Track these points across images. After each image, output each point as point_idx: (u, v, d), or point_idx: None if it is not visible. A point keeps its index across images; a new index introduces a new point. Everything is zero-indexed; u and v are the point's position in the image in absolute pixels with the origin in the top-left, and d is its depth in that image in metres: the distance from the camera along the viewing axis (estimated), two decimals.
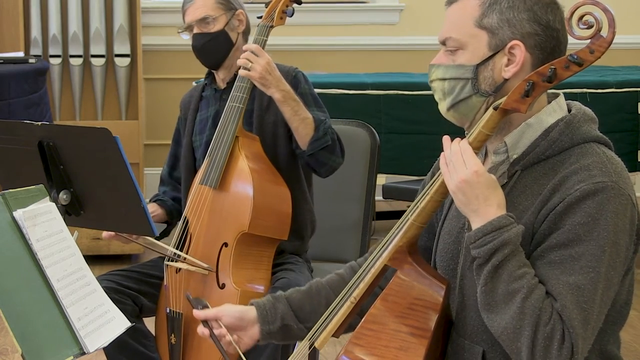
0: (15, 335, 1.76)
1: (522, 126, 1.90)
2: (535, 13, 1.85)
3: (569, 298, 1.75)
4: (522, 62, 1.85)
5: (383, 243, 1.95)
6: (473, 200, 1.81)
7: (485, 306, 1.80)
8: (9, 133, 2.71)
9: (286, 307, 2.12)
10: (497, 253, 1.77)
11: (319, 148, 2.94)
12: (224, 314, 2.10)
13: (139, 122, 5.92)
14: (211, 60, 3.13)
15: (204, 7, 3.09)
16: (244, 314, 2.11)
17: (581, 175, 1.81)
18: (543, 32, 1.86)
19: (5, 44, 5.67)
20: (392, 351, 1.84)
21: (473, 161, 1.81)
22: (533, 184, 1.87)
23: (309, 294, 2.14)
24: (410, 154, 5.18)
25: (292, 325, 2.10)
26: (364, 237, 3.37)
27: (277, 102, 2.92)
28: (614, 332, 1.93)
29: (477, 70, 1.88)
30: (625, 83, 5.30)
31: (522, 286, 1.76)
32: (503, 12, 1.86)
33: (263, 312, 2.11)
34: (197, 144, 3.17)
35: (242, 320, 2.10)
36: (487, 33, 1.87)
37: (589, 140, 1.88)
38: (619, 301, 1.90)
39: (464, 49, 1.89)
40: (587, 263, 1.77)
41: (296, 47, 6.49)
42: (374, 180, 3.37)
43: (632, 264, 1.89)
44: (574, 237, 1.78)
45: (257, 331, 2.10)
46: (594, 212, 1.77)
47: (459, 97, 1.90)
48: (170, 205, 3.20)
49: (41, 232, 1.91)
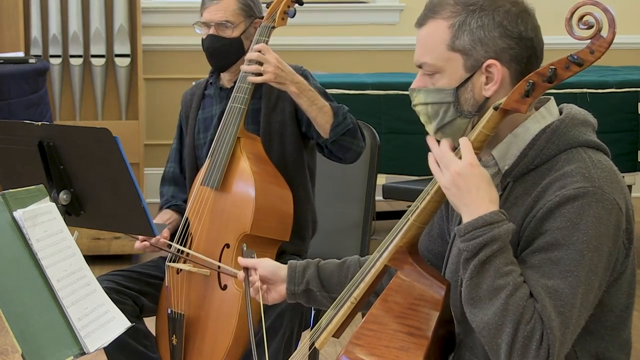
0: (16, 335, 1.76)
1: (509, 137, 1.89)
2: (506, 28, 1.84)
3: (547, 301, 1.75)
4: (500, 79, 1.85)
5: (383, 243, 1.95)
6: (466, 193, 1.80)
7: (469, 300, 1.80)
8: (9, 133, 2.71)
9: (315, 273, 2.19)
10: (486, 248, 1.77)
11: (341, 133, 2.93)
12: (260, 265, 2.22)
13: (139, 122, 5.92)
14: (219, 64, 3.12)
15: (226, 10, 3.05)
16: (278, 270, 2.22)
17: (564, 182, 1.80)
18: (517, 44, 1.85)
19: (5, 44, 5.67)
20: (392, 351, 1.84)
21: (469, 154, 1.81)
22: (524, 194, 1.87)
23: (340, 267, 2.21)
24: (410, 154, 5.18)
25: (315, 291, 2.18)
26: (364, 237, 3.37)
27: (293, 95, 2.91)
28: (615, 338, 1.91)
29: (457, 93, 1.87)
30: (625, 83, 5.29)
31: (508, 283, 1.76)
32: (474, 33, 1.85)
33: (292, 272, 2.20)
34: (200, 142, 3.17)
35: (274, 275, 2.21)
36: (461, 55, 1.87)
37: (576, 145, 1.87)
38: (617, 306, 1.89)
39: (441, 73, 1.89)
40: (566, 267, 1.76)
41: (296, 47, 6.49)
42: (374, 180, 3.36)
43: (625, 268, 1.87)
44: (554, 242, 1.78)
45: (285, 289, 2.20)
46: (573, 217, 1.77)
47: (443, 121, 1.90)
48: (184, 209, 3.18)
49: (41, 232, 1.91)
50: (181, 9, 6.66)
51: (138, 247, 2.97)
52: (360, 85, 5.20)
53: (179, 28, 6.50)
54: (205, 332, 2.93)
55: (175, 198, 3.22)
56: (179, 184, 3.24)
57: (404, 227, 1.92)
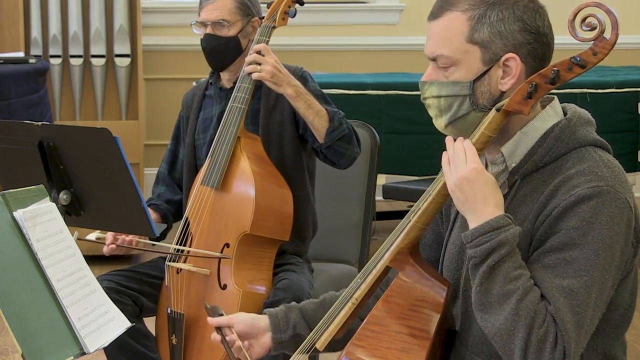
0: (16, 335, 1.75)
1: (518, 135, 1.89)
2: (525, 22, 1.84)
3: (562, 301, 1.75)
4: (518, 73, 1.85)
5: (385, 244, 1.95)
6: (471, 198, 1.80)
7: (479, 306, 1.80)
8: (9, 133, 2.71)
9: (299, 316, 2.11)
10: (494, 253, 1.77)
11: (336, 138, 2.93)
12: (236, 321, 2.11)
13: (139, 122, 5.92)
14: (217, 63, 3.12)
15: (222, 9, 3.06)
16: (256, 321, 2.12)
17: (577, 180, 1.80)
18: (534, 40, 1.85)
19: (5, 44, 5.67)
20: (393, 352, 1.83)
21: (473, 159, 1.80)
22: (532, 192, 1.86)
23: (322, 305, 2.13)
24: (410, 154, 5.18)
25: (304, 334, 2.09)
26: (364, 238, 3.37)
27: (290, 98, 2.91)
28: (618, 336, 1.92)
29: (474, 86, 1.87)
30: (625, 83, 5.30)
31: (518, 287, 1.76)
32: (493, 26, 1.84)
33: (275, 320, 2.11)
34: (200, 142, 3.17)
35: (253, 328, 2.11)
36: (479, 48, 1.86)
37: (585, 144, 1.87)
38: (622, 304, 1.89)
39: (457, 66, 1.87)
40: (581, 267, 1.76)
41: (296, 48, 6.49)
42: (374, 181, 3.36)
43: (632, 267, 1.88)
44: (569, 241, 1.77)
45: (269, 339, 2.10)
46: (588, 217, 1.77)
47: (457, 114, 1.88)
48: (164, 209, 3.19)
49: (41, 232, 1.91)
50: (181, 9, 6.65)
51: (106, 251, 2.96)
52: (360, 85, 5.20)
53: (179, 28, 6.50)
54: (205, 331, 2.93)
55: (160, 197, 3.23)
56: (168, 185, 3.26)
57: (406, 228, 1.91)
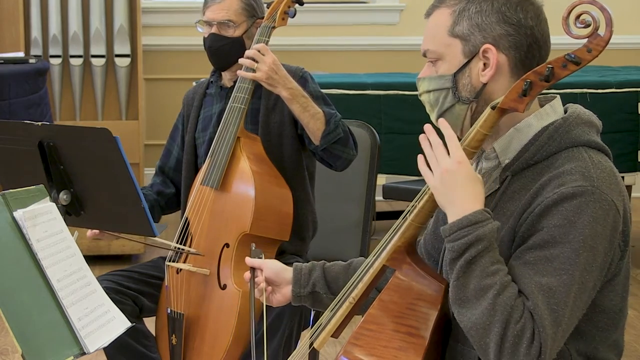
0: (16, 335, 1.76)
1: (511, 131, 1.90)
2: (504, 14, 1.87)
3: (540, 298, 1.75)
4: (495, 64, 1.87)
5: (381, 243, 1.96)
6: (450, 191, 1.80)
7: (456, 301, 1.80)
8: (9, 133, 2.71)
9: (321, 275, 2.19)
10: (471, 248, 1.77)
11: (332, 141, 2.94)
12: (266, 266, 2.21)
13: (139, 122, 5.92)
14: (220, 63, 3.12)
15: (229, 10, 3.06)
16: (283, 272, 2.21)
17: (563, 179, 1.80)
18: (515, 31, 1.87)
19: (5, 44, 5.67)
20: (391, 351, 1.84)
21: (458, 152, 1.81)
22: (521, 189, 1.87)
23: (347, 269, 2.20)
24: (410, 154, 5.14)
25: (321, 293, 2.18)
26: (364, 238, 3.37)
27: (285, 100, 2.92)
28: (606, 339, 1.91)
29: (456, 79, 1.90)
30: (625, 83, 5.29)
31: (495, 282, 1.76)
32: (472, 18, 1.89)
33: (298, 275, 2.20)
34: (200, 141, 3.17)
35: (278, 277, 2.21)
36: (460, 41, 1.90)
37: (578, 144, 1.87)
38: (612, 308, 1.89)
39: (442, 59, 1.93)
40: (561, 265, 1.76)
41: (296, 48, 6.50)
42: (374, 181, 3.37)
43: (619, 270, 1.88)
44: (550, 239, 1.78)
45: (289, 291, 2.19)
46: (570, 215, 1.77)
47: (443, 107, 1.93)
48: (153, 201, 3.18)
49: (41, 232, 1.92)
50: (181, 9, 6.66)
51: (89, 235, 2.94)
52: (360, 85, 5.20)
53: (179, 28, 6.51)
54: (205, 331, 2.93)
55: (153, 187, 3.24)
56: (162, 177, 3.27)
57: (402, 227, 1.92)
